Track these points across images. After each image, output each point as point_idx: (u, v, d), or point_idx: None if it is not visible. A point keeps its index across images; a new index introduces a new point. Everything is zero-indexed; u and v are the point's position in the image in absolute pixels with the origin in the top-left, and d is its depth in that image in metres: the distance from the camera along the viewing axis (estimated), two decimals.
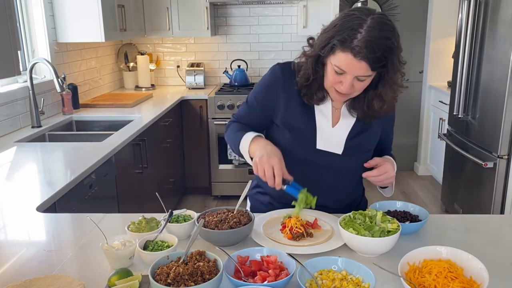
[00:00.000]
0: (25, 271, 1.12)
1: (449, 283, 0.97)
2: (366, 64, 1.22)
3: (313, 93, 1.39)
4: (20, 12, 2.92)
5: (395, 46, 1.25)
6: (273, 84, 1.46)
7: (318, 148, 1.43)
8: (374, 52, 1.20)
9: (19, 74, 1.93)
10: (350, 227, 1.19)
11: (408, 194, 4.21)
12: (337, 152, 1.43)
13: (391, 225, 1.18)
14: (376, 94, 1.34)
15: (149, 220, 1.26)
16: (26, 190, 1.71)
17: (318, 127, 1.43)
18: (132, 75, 4.33)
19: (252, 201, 1.63)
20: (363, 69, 1.23)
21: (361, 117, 1.43)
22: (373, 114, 1.40)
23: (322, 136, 1.43)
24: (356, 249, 1.19)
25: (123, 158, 2.47)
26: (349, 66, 1.24)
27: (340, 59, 1.25)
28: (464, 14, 3.12)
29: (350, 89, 1.29)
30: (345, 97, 1.36)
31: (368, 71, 1.24)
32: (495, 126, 2.85)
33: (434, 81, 4.43)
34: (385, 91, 1.33)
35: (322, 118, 1.44)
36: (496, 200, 2.92)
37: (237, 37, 4.47)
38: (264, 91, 1.48)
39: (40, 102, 2.79)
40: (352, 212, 1.26)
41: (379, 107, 1.36)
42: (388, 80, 1.30)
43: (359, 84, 1.29)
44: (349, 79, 1.26)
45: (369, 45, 1.19)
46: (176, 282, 0.95)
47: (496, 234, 1.36)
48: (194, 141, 4.00)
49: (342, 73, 1.27)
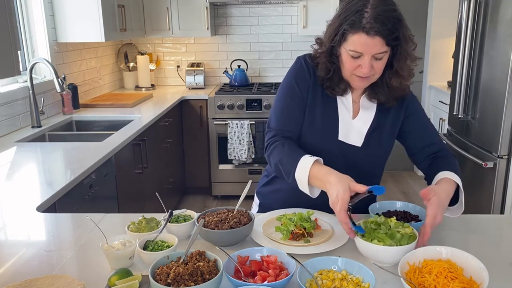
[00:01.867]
0: (25, 271, 1.12)
1: (449, 283, 0.97)
2: (380, 38, 1.25)
3: (336, 84, 1.41)
4: (20, 12, 2.92)
5: (402, 17, 1.29)
6: (300, 74, 1.45)
7: (340, 139, 1.44)
8: (385, 25, 1.23)
9: (19, 74, 1.94)
10: (373, 238, 1.12)
11: (408, 194, 4.21)
12: (356, 144, 1.44)
13: (407, 229, 1.14)
14: (393, 72, 1.36)
15: (149, 220, 1.26)
16: (26, 190, 1.71)
17: (340, 118, 1.44)
18: (132, 75, 4.33)
19: (262, 199, 1.64)
20: (379, 45, 1.26)
21: (386, 101, 1.42)
22: (394, 94, 1.40)
23: (343, 127, 1.44)
24: (379, 260, 1.10)
25: (123, 158, 2.47)
26: (364, 45, 1.26)
27: (354, 41, 1.27)
28: (464, 14, 3.12)
29: (370, 70, 1.31)
30: (366, 81, 1.36)
31: (383, 47, 1.26)
32: (495, 126, 2.85)
33: (434, 81, 4.43)
34: (401, 65, 1.34)
35: (344, 110, 1.45)
36: (496, 200, 2.92)
37: (237, 37, 4.47)
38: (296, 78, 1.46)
39: (40, 102, 2.79)
40: (363, 221, 1.20)
41: (399, 83, 1.37)
42: (403, 53, 1.32)
43: (378, 64, 1.31)
44: (367, 59, 1.28)
45: (379, 20, 1.23)
46: (176, 282, 0.95)
47: (496, 234, 1.36)
48: (194, 141, 4.01)
49: (359, 56, 1.29)
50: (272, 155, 1.40)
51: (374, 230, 1.16)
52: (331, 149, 1.43)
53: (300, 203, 1.41)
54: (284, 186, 1.47)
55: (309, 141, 1.44)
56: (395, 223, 1.17)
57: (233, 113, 3.88)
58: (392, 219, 1.18)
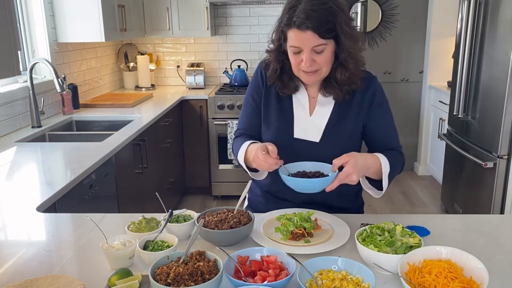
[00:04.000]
0: (25, 271, 1.12)
1: (449, 283, 0.97)
2: (312, 32, 1.28)
3: (285, 83, 1.46)
4: (20, 12, 2.92)
5: (335, 9, 1.30)
6: (254, 84, 1.55)
7: (296, 137, 1.47)
8: (314, 18, 1.27)
9: (19, 74, 1.93)
10: (370, 243, 1.11)
11: (408, 194, 4.21)
12: (314, 140, 1.46)
13: (412, 239, 1.12)
14: (338, 64, 1.38)
15: (149, 220, 1.26)
16: (26, 190, 1.71)
17: (295, 117, 1.48)
18: (132, 75, 4.33)
19: (250, 195, 1.67)
20: (312, 38, 1.29)
21: (336, 95, 1.44)
22: (341, 87, 1.42)
23: (299, 125, 1.48)
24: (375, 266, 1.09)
25: (123, 158, 2.47)
26: (299, 40, 1.31)
27: (291, 37, 1.33)
28: (464, 14, 3.12)
29: (312, 65, 1.33)
30: (314, 76, 1.38)
31: (318, 39, 1.29)
32: (495, 126, 2.85)
33: (434, 81, 4.42)
34: (344, 57, 1.36)
35: (300, 108, 1.49)
36: (496, 200, 2.92)
37: (237, 37, 4.47)
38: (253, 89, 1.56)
39: (40, 102, 2.79)
40: (369, 226, 1.19)
41: (344, 76, 1.39)
42: (344, 44, 1.33)
43: (320, 57, 1.33)
44: (307, 53, 1.32)
45: (308, 14, 1.27)
46: (176, 282, 0.95)
47: (496, 234, 1.36)
48: (194, 141, 4.01)
49: (299, 52, 1.34)
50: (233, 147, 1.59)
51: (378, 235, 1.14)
52: (287, 147, 1.45)
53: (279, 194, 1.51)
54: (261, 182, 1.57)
55: (266, 140, 1.49)
56: (401, 231, 1.14)
57: (233, 113, 3.88)
58: (399, 227, 1.15)
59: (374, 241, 1.12)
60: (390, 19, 4.66)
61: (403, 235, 1.14)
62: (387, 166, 1.39)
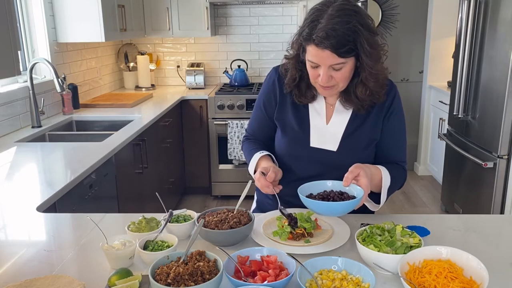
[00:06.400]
0: (25, 271, 1.12)
1: (449, 283, 0.97)
2: (331, 52, 1.24)
3: (303, 92, 1.44)
4: (20, 12, 2.92)
5: (359, 28, 1.24)
6: (269, 87, 1.52)
7: (312, 146, 1.45)
8: (334, 38, 1.22)
9: (19, 74, 1.94)
10: (370, 243, 1.11)
11: (408, 194, 4.21)
12: (331, 149, 1.44)
13: (412, 239, 1.12)
14: (359, 81, 1.35)
15: (149, 220, 1.26)
16: (26, 190, 1.71)
17: (312, 125, 1.45)
18: (132, 75, 4.33)
19: (258, 195, 1.66)
20: (331, 57, 1.25)
21: (356, 108, 1.42)
22: (362, 103, 1.39)
23: (316, 134, 1.45)
24: (375, 266, 1.09)
25: (123, 158, 2.47)
26: (317, 57, 1.27)
27: (310, 53, 1.29)
28: (464, 14, 3.12)
29: (329, 81, 1.31)
30: (330, 90, 1.36)
31: (337, 59, 1.26)
32: (495, 126, 2.85)
33: (434, 81, 4.43)
34: (366, 76, 1.32)
35: (316, 116, 1.46)
36: (496, 200, 2.92)
37: (237, 37, 4.47)
38: (264, 97, 1.54)
39: (40, 102, 2.79)
40: (369, 226, 1.19)
41: (364, 94, 1.36)
42: (364, 64, 1.29)
43: (337, 74, 1.30)
44: (324, 70, 1.29)
45: (328, 34, 1.22)
46: (176, 282, 0.95)
47: (496, 234, 1.36)
48: (194, 141, 4.01)
49: (317, 66, 1.31)
50: (243, 149, 1.60)
51: (378, 235, 1.14)
52: (304, 156, 1.44)
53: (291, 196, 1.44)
54: None
55: (282, 149, 1.48)
56: (401, 231, 1.14)
57: (233, 113, 3.88)
58: (398, 227, 1.16)
59: (374, 241, 1.12)
60: (390, 19, 4.66)
61: (403, 235, 1.14)
62: (388, 180, 1.37)
